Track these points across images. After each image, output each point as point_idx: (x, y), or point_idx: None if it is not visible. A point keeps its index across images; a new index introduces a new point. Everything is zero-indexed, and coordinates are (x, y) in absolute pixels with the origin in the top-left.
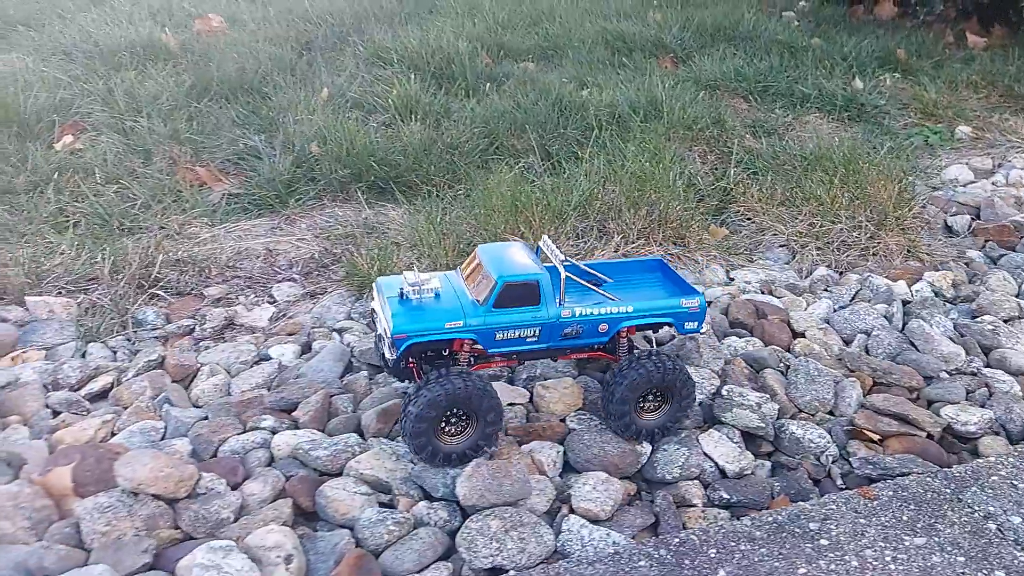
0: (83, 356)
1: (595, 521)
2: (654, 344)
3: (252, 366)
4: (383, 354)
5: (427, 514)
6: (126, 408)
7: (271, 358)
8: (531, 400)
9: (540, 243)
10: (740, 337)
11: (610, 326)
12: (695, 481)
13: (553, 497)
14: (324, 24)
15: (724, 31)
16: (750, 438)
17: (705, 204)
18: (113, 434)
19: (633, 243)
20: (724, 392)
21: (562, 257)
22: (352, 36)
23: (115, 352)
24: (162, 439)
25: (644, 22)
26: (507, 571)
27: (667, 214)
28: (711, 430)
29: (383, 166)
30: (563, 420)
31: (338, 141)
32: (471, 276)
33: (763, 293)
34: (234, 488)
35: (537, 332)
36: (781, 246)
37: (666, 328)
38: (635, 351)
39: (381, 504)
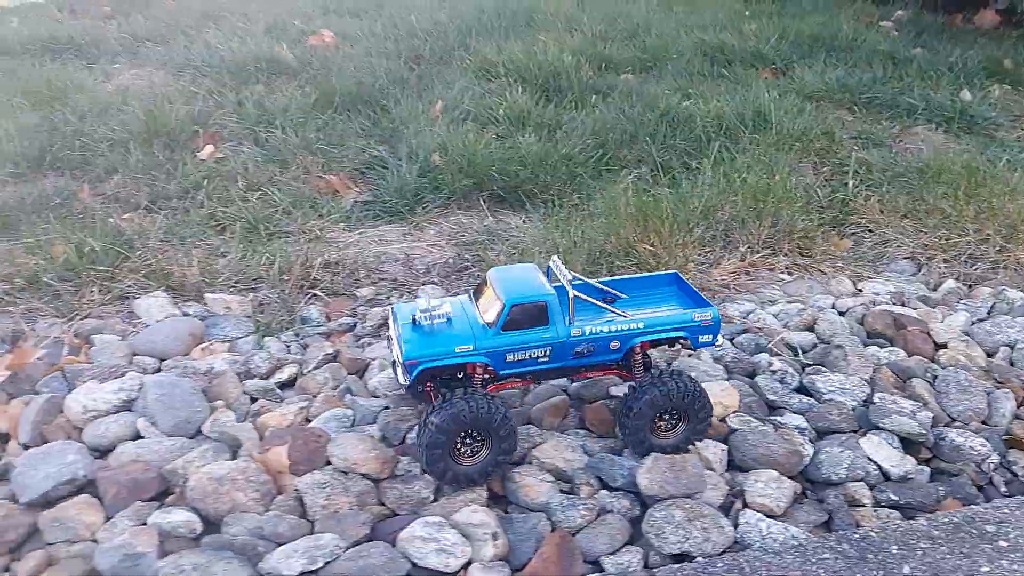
0: (260, 349)
1: (770, 516)
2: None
3: None
4: (399, 379)
5: (609, 502)
6: (315, 396)
7: None
8: None
9: (550, 264)
10: (881, 347)
11: (622, 343)
12: (861, 483)
13: (726, 492)
14: (430, 38)
15: (822, 41)
16: (908, 444)
17: (824, 215)
18: (308, 420)
19: (758, 253)
20: (876, 399)
21: (570, 276)
22: (457, 50)
23: (288, 346)
24: (353, 425)
25: (740, 33)
26: (694, 558)
27: (792, 225)
28: (869, 435)
29: (503, 176)
30: (722, 420)
31: (459, 152)
32: (482, 300)
33: (894, 304)
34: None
35: (548, 352)
36: (906, 258)
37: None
38: (653, 369)
39: (562, 491)
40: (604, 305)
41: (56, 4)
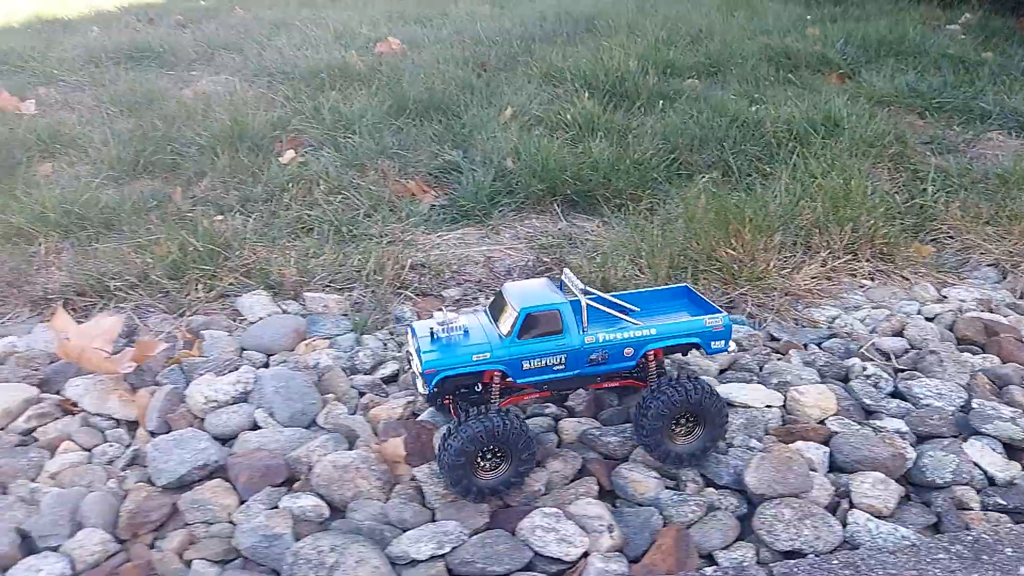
0: (359, 346)
1: (878, 516)
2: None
3: None
4: (419, 391)
5: (717, 499)
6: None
7: None
8: (784, 404)
9: (563, 277)
10: (973, 354)
11: (635, 350)
12: (967, 486)
13: (832, 492)
14: (495, 46)
15: (889, 45)
16: (1010, 450)
17: (904, 221)
18: (415, 414)
19: (839, 259)
20: (975, 405)
21: (582, 287)
22: (521, 56)
23: (384, 344)
24: None
25: (804, 37)
26: (805, 555)
27: (873, 231)
28: (971, 440)
29: (576, 180)
30: (821, 423)
31: (532, 157)
32: (497, 313)
33: (982, 311)
34: (537, 464)
35: (563, 360)
36: (989, 265)
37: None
38: (665, 375)
39: (667, 488)
40: (617, 313)
41: (133, 14)
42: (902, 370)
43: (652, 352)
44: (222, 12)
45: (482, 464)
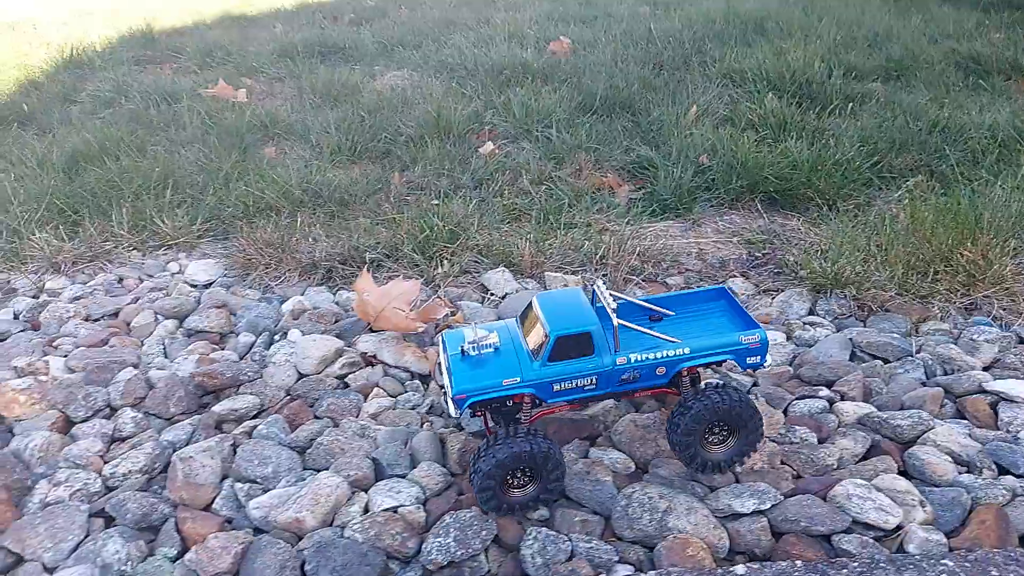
0: None
1: None
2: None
3: None
4: (449, 411)
5: (1019, 487)
6: None
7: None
8: None
9: (594, 287)
10: None
11: (668, 368)
12: None
13: None
14: (668, 46)
15: None
16: None
17: None
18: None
19: None
20: None
21: (614, 305)
22: (693, 56)
23: None
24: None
25: (989, 42)
26: None
27: None
28: None
29: (777, 179)
30: None
31: (730, 155)
32: (528, 327)
33: None
34: (820, 442)
35: (594, 380)
36: None
37: None
38: (700, 385)
39: (961, 473)
40: (650, 332)
41: (311, 11)
42: None
43: (686, 369)
44: (390, 11)
45: (512, 483)
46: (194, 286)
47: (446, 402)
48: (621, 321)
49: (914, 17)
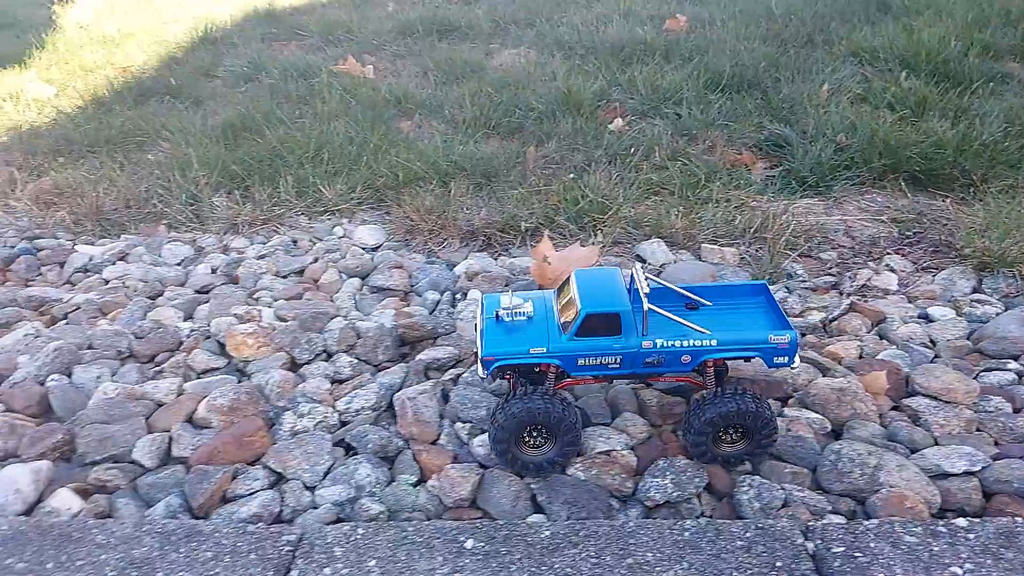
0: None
1: None
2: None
3: (921, 321)
4: (478, 371)
5: None
6: (859, 337)
7: (929, 316)
8: None
9: (633, 271)
10: None
11: (693, 357)
12: None
13: None
14: (789, 24)
15: None
16: None
17: None
18: (860, 356)
19: None
20: None
21: (647, 290)
22: (817, 34)
23: (786, 297)
24: (916, 364)
25: None
26: None
27: None
28: None
29: (920, 158)
30: None
31: (868, 134)
32: (563, 299)
33: None
34: (1016, 411)
35: (619, 360)
36: None
37: None
38: (720, 386)
39: None
40: (681, 321)
41: None
42: None
43: (711, 360)
44: None
45: (528, 441)
46: (363, 249)
47: (478, 362)
48: (651, 306)
49: None
